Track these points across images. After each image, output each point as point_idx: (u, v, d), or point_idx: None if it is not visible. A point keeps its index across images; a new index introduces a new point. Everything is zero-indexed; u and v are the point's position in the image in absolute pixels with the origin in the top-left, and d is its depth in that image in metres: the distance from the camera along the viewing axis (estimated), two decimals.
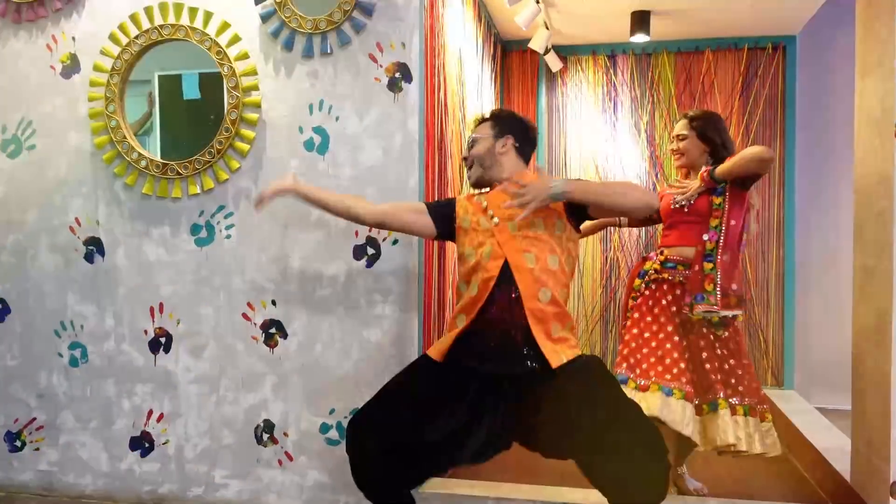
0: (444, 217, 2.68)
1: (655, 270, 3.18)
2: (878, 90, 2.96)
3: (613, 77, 5.47)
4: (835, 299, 5.08)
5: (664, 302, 3.13)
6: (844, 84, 4.46)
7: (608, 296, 5.42)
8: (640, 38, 4.81)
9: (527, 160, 2.71)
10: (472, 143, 2.68)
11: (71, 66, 3.34)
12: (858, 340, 3.12)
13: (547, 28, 4.79)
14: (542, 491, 3.06)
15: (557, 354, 2.39)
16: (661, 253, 3.20)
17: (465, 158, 2.71)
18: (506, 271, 2.45)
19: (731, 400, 3.03)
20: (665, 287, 3.15)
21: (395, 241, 3.04)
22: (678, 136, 3.23)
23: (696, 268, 3.05)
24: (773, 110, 5.21)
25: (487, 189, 2.68)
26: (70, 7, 3.34)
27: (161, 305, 3.27)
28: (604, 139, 5.45)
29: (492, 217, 2.55)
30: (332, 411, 3.13)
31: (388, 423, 2.45)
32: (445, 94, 3.59)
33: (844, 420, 3.30)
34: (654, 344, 3.07)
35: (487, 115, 2.75)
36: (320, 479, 3.14)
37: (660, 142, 5.37)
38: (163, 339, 3.28)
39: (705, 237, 3.06)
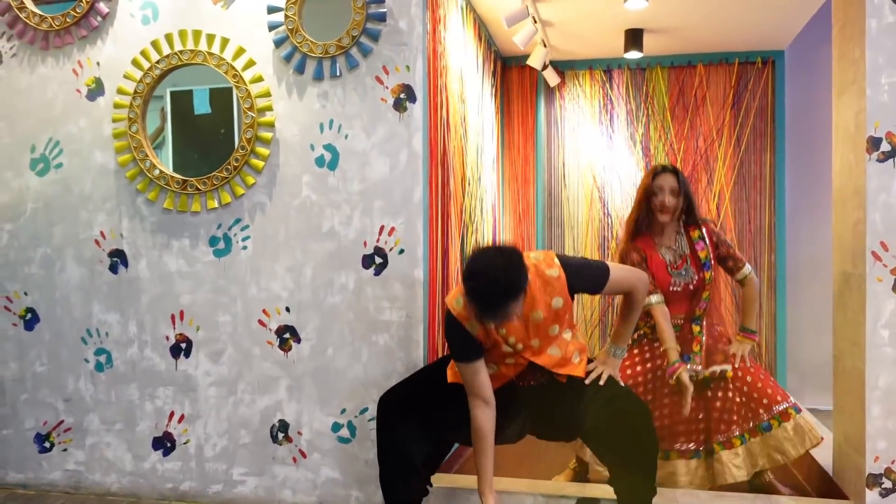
0: (476, 347, 2.70)
1: (645, 335, 3.43)
2: (852, 107, 3.17)
3: (609, 91, 5.68)
4: (825, 303, 5.23)
5: (653, 365, 3.39)
6: (828, 97, 4.66)
7: (606, 300, 5.62)
8: (633, 55, 5.00)
9: None
10: (509, 316, 2.53)
11: (95, 90, 3.56)
12: (837, 341, 3.33)
13: (544, 45, 5.00)
14: (540, 485, 3.26)
15: (576, 371, 2.82)
16: (650, 316, 3.34)
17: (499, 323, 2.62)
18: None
19: (757, 422, 3.25)
20: (658, 347, 3.36)
21: (402, 251, 3.25)
22: (672, 189, 3.28)
23: (686, 328, 3.35)
24: (763, 122, 5.42)
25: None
26: (95, 34, 3.56)
27: (181, 313, 3.49)
28: (601, 151, 5.66)
29: (516, 344, 2.71)
30: (343, 411, 3.34)
31: (415, 395, 2.84)
32: (448, 112, 3.80)
33: (830, 419, 3.50)
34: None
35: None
36: (332, 475, 3.35)
37: (655, 152, 5.57)
38: (183, 345, 3.49)
39: (698, 311, 3.37)
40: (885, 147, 2.98)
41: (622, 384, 2.86)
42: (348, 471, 3.33)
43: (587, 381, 2.79)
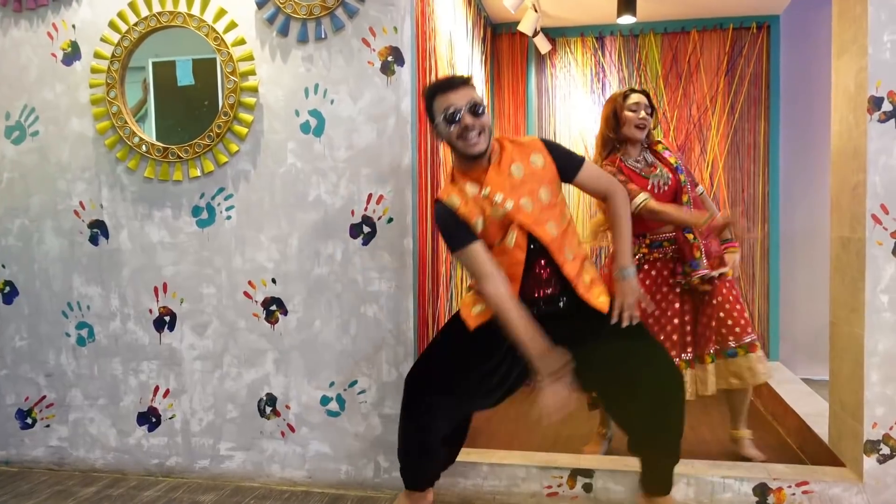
0: (470, 230, 2.62)
1: (644, 255, 3.36)
2: (852, 67, 3.10)
3: (601, 58, 5.60)
4: (819, 272, 5.24)
5: (660, 280, 3.38)
6: (825, 61, 4.60)
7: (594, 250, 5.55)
8: (626, 19, 4.91)
9: None
10: (480, 110, 2.56)
11: (72, 54, 3.45)
12: (835, 308, 3.28)
13: (535, 10, 4.91)
14: (533, 456, 3.22)
15: (598, 300, 2.68)
16: (644, 237, 3.37)
17: (466, 127, 2.53)
18: (532, 246, 2.64)
19: (724, 348, 3.36)
20: (659, 265, 3.38)
21: (391, 220, 3.18)
22: (646, 107, 3.38)
23: (682, 239, 3.26)
24: (757, 88, 5.36)
25: (464, 169, 2.67)
26: None
27: (165, 285, 3.41)
28: (592, 119, 5.59)
29: (503, 202, 2.58)
30: (331, 384, 3.27)
31: (442, 371, 2.72)
32: (437, 77, 3.71)
33: (827, 389, 3.47)
34: (655, 323, 3.34)
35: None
36: (321, 449, 3.30)
37: None
38: (167, 318, 3.42)
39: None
40: (886, 107, 2.91)
41: (650, 335, 2.77)
42: (338, 445, 3.27)
43: (613, 319, 2.66)
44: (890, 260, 2.92)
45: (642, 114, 3.36)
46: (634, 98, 3.37)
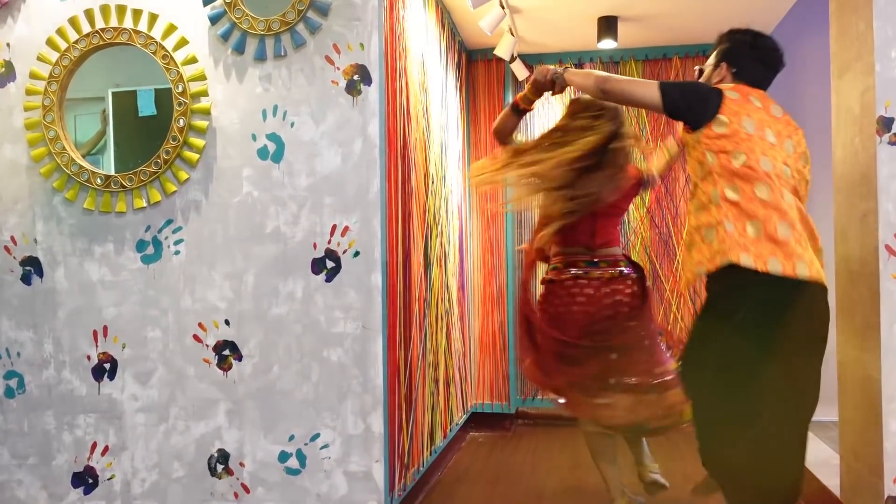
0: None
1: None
2: (857, 86, 2.92)
3: None
4: None
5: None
6: (818, 83, 4.44)
7: None
8: (607, 44, 4.75)
9: (747, 83, 2.58)
10: (698, 74, 2.73)
11: (5, 74, 3.18)
12: (843, 347, 3.05)
13: (512, 34, 4.71)
14: None
15: None
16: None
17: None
18: None
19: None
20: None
21: (357, 254, 2.92)
22: None
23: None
24: None
25: None
26: (4, 11, 3.18)
27: (105, 329, 3.11)
28: None
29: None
30: (291, 438, 2.98)
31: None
32: (408, 100, 3.48)
33: (830, 432, 3.22)
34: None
35: (719, 39, 2.70)
36: None
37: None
38: (107, 366, 3.11)
39: None
40: None
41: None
42: None
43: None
44: None
45: None
46: None
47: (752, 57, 2.59)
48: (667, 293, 5.18)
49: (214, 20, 3.03)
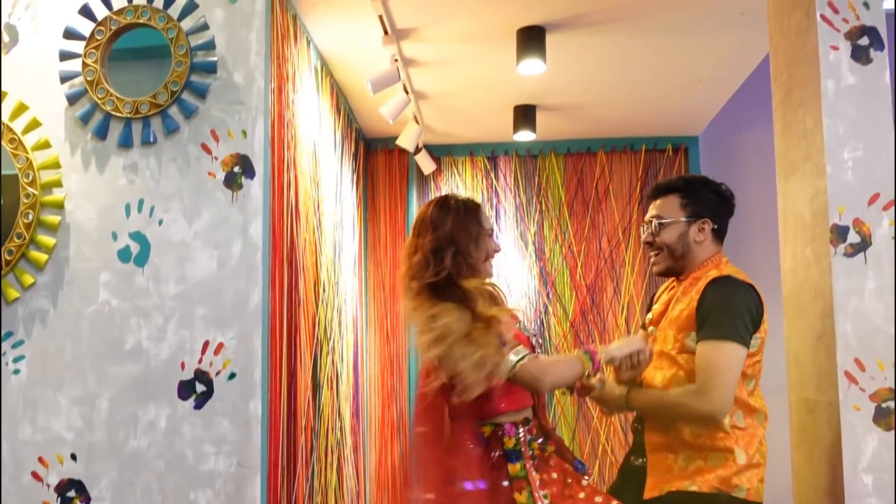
0: None
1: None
2: (806, 190, 3.00)
3: (495, 181, 5.59)
4: (776, 433, 5.17)
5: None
6: (754, 184, 4.70)
7: None
8: (524, 135, 4.95)
9: (721, 241, 2.85)
10: (659, 227, 2.77)
11: None
12: (800, 488, 3.10)
13: (417, 123, 4.86)
14: None
15: None
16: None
17: (648, 243, 2.80)
18: None
19: None
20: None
21: (233, 376, 2.92)
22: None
23: None
24: None
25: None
26: None
27: None
28: None
29: None
30: None
31: None
32: (297, 195, 3.55)
33: None
34: None
35: (675, 185, 2.83)
36: None
37: (550, 255, 5.46)
38: None
39: None
40: (853, 238, 2.81)
41: None
42: None
43: None
44: (872, 430, 2.75)
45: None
46: None
47: (726, 210, 2.87)
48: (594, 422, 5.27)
49: (73, 99, 3.06)
